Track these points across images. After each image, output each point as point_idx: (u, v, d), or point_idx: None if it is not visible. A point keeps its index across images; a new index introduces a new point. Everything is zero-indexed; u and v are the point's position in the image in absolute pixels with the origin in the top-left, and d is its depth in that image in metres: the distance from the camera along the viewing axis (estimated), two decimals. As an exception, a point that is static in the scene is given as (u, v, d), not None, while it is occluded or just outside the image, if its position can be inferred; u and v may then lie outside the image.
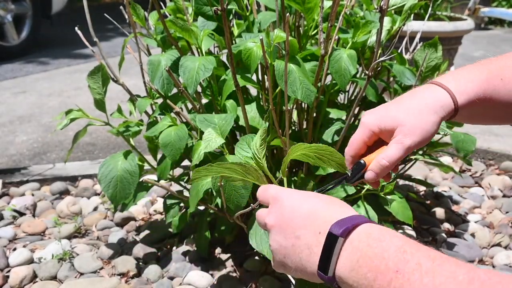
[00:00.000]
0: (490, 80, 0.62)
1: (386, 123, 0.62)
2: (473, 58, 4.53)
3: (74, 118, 1.20)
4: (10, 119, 2.77)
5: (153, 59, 1.14)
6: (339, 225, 0.49)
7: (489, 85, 0.62)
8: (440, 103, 0.61)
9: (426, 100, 0.62)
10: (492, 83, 0.62)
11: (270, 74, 1.02)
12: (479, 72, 0.63)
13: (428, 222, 1.52)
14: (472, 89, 0.62)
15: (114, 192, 1.14)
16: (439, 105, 0.61)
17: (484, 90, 0.62)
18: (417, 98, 0.63)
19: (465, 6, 3.31)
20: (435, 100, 0.61)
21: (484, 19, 6.39)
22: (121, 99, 2.85)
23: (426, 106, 0.61)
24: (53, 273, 1.28)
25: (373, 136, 0.64)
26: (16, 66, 3.94)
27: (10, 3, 4.09)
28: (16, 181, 1.80)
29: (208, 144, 0.97)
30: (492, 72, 0.63)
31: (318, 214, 0.52)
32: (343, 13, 1.11)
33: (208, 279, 1.23)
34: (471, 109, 0.63)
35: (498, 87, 0.62)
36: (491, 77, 0.63)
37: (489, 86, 0.62)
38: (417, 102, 0.62)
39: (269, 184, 0.63)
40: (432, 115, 0.61)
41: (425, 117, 0.61)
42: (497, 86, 0.62)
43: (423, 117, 0.61)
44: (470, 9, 3.06)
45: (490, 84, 0.62)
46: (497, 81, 0.62)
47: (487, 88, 0.62)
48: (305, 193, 0.56)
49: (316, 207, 0.53)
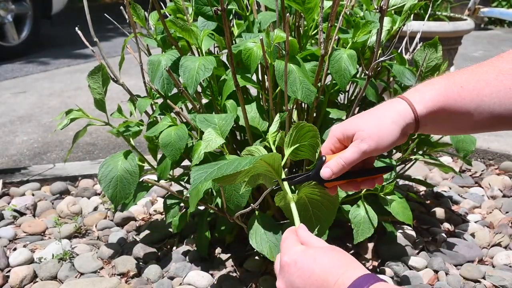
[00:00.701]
0: (449, 88, 0.64)
1: (348, 130, 0.68)
2: (473, 58, 4.53)
3: (74, 118, 1.20)
4: (11, 119, 2.77)
5: (153, 59, 1.14)
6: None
7: (447, 93, 0.64)
8: (399, 113, 0.65)
9: (386, 111, 0.67)
10: (451, 91, 0.64)
11: (270, 74, 1.02)
12: (443, 81, 0.66)
13: (428, 222, 1.52)
14: (431, 99, 0.64)
15: (114, 192, 1.14)
16: (398, 115, 0.65)
17: (443, 98, 0.64)
18: (379, 109, 0.68)
19: (465, 6, 3.31)
20: (395, 110, 0.66)
21: (484, 19, 6.38)
22: (121, 99, 2.85)
23: (385, 116, 0.66)
24: (53, 273, 1.28)
25: (338, 143, 0.69)
26: (17, 66, 3.94)
27: (10, 3, 4.09)
28: (17, 181, 1.80)
29: (208, 144, 0.97)
30: (454, 81, 0.65)
31: (329, 283, 0.56)
32: (343, 13, 1.11)
33: (208, 279, 1.23)
34: (435, 119, 0.66)
35: (456, 96, 0.64)
36: (451, 86, 0.65)
37: (448, 94, 0.64)
38: (378, 112, 0.67)
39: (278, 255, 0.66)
40: (391, 124, 0.65)
41: (384, 125, 0.65)
42: (456, 94, 0.64)
43: (382, 125, 0.65)
44: (470, 9, 3.06)
45: (449, 92, 0.64)
46: (456, 89, 0.64)
47: (446, 96, 0.64)
48: (312, 259, 0.60)
49: (324, 276, 0.57)
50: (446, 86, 0.65)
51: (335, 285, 0.56)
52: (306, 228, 0.66)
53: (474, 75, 0.64)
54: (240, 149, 1.28)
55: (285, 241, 0.65)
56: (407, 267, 1.30)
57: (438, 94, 0.64)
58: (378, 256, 1.34)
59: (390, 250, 1.34)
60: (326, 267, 0.58)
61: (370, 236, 1.16)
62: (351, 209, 1.18)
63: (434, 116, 0.65)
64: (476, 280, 1.26)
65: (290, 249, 0.62)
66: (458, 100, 0.64)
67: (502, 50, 0.67)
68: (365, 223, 1.16)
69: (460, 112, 0.64)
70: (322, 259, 0.59)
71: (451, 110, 0.64)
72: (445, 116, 0.65)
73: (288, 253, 0.62)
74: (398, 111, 0.65)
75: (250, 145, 1.12)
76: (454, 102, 0.64)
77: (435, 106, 0.64)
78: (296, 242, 0.64)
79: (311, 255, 0.60)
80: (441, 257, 1.33)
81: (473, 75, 0.64)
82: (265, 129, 1.12)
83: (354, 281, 0.54)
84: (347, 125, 0.68)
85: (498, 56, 0.65)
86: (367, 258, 1.33)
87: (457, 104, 0.64)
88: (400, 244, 1.36)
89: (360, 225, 1.16)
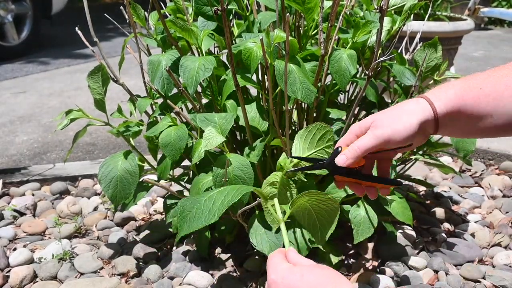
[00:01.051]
0: (468, 90, 0.64)
1: (365, 122, 0.69)
2: (473, 58, 4.53)
3: (74, 118, 1.20)
4: (11, 119, 2.77)
5: (153, 59, 1.14)
6: None
7: (467, 94, 0.64)
8: (418, 108, 0.65)
9: (405, 105, 0.67)
10: (470, 92, 0.64)
11: (270, 74, 1.02)
12: (461, 83, 0.66)
13: (428, 222, 1.52)
14: (450, 98, 0.65)
15: (114, 192, 1.14)
16: (417, 109, 0.65)
17: (462, 100, 0.64)
18: (398, 105, 0.69)
19: (465, 6, 3.31)
20: (414, 105, 0.66)
21: (484, 19, 6.39)
22: (121, 99, 2.85)
23: (403, 108, 0.67)
24: (53, 273, 1.28)
25: (356, 138, 0.69)
26: (17, 66, 3.94)
27: (10, 3, 4.10)
28: (16, 181, 1.80)
29: (209, 142, 0.97)
30: (473, 83, 0.65)
31: None
32: (343, 13, 1.11)
33: (208, 279, 1.23)
34: (454, 121, 0.66)
35: (476, 97, 0.64)
36: (470, 87, 0.65)
37: (467, 95, 0.64)
38: (397, 106, 0.68)
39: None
40: (408, 115, 0.65)
41: (401, 116, 0.65)
42: (475, 95, 0.64)
43: (399, 115, 0.66)
44: (470, 9, 3.06)
45: (468, 93, 0.64)
46: (476, 91, 0.64)
47: (465, 97, 0.64)
48: (299, 276, 0.60)
49: None
50: (465, 87, 0.65)
51: None
52: (295, 251, 0.67)
53: (493, 78, 0.64)
54: (240, 149, 1.28)
55: (272, 259, 0.65)
56: (407, 267, 1.30)
57: (457, 95, 0.64)
58: (378, 256, 1.34)
59: (390, 250, 1.34)
60: (313, 284, 0.58)
61: (370, 236, 1.16)
62: (351, 209, 1.18)
63: (453, 116, 0.65)
64: (476, 280, 1.26)
65: (277, 267, 0.63)
66: (477, 101, 0.64)
67: (502, 50, 0.67)
68: (365, 223, 1.16)
69: (478, 114, 0.64)
70: (308, 277, 0.59)
71: (470, 111, 0.64)
72: (464, 117, 0.65)
73: (275, 271, 0.62)
74: (417, 106, 0.66)
75: (250, 144, 1.12)
76: (473, 103, 0.64)
77: (454, 107, 0.64)
78: (283, 261, 0.64)
79: (298, 272, 0.60)
80: (441, 257, 1.33)
81: (492, 78, 0.64)
82: (265, 129, 1.12)
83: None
84: (364, 120, 0.69)
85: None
86: (367, 258, 1.33)
87: (476, 106, 0.64)
88: (400, 244, 1.36)
89: (360, 225, 1.16)
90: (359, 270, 1.28)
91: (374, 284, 1.21)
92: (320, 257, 1.27)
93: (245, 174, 1.00)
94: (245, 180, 1.00)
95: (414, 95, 1.23)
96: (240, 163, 1.01)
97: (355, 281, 1.23)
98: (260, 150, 1.08)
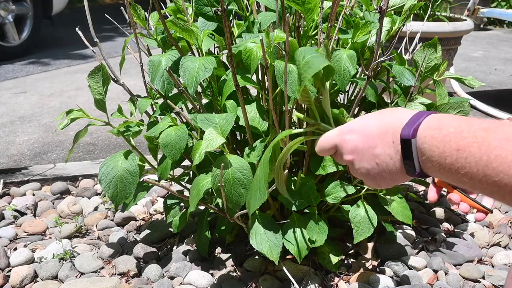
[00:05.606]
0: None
1: None
2: (472, 59, 4.53)
3: (75, 118, 1.20)
4: (11, 119, 2.77)
5: (153, 59, 1.14)
6: (407, 129, 0.55)
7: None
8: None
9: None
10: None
11: (270, 74, 1.02)
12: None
13: (428, 222, 1.52)
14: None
15: (114, 192, 1.14)
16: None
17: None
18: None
19: (464, 7, 3.31)
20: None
21: (483, 20, 6.39)
22: (121, 99, 2.86)
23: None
24: (53, 272, 1.28)
25: None
26: (17, 67, 3.94)
27: (11, 4, 4.10)
28: (17, 181, 1.80)
29: (209, 144, 0.97)
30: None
31: (386, 127, 0.59)
32: (343, 13, 1.11)
33: (208, 279, 1.24)
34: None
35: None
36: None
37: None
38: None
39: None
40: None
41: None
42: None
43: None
44: (469, 9, 3.07)
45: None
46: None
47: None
48: (365, 118, 0.62)
49: (381, 122, 0.60)
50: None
51: (393, 127, 0.57)
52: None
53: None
54: (240, 149, 1.28)
55: (325, 141, 0.67)
56: (407, 266, 1.30)
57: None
58: (378, 256, 1.34)
59: (390, 250, 1.34)
60: (379, 121, 0.60)
61: (369, 235, 1.16)
62: (351, 209, 1.19)
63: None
64: (475, 279, 1.26)
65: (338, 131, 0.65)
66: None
67: (502, 51, 0.67)
68: (364, 223, 1.17)
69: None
70: (370, 118, 0.62)
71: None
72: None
73: (340, 133, 0.65)
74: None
75: (250, 145, 1.12)
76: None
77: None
78: (334, 132, 0.67)
79: (360, 120, 0.63)
80: (441, 257, 1.33)
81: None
82: (265, 129, 1.13)
83: (411, 118, 0.56)
84: None
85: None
86: (367, 258, 1.33)
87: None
88: (400, 244, 1.37)
89: (360, 224, 1.17)
90: (358, 269, 1.28)
91: (373, 283, 1.22)
92: (320, 257, 1.27)
93: (244, 176, 1.01)
94: (244, 182, 1.01)
95: (413, 95, 1.23)
96: (239, 165, 1.01)
97: (355, 281, 1.23)
98: (260, 150, 1.08)
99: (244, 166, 1.02)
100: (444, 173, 0.51)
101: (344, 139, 0.63)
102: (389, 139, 0.58)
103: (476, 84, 1.26)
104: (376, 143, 0.59)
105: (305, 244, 1.14)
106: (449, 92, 3.22)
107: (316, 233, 1.15)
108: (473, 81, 1.27)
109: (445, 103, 1.16)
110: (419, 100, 1.19)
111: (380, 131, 0.59)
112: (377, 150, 0.59)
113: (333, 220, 1.35)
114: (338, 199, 1.18)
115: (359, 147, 0.62)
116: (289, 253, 1.24)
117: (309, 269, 1.25)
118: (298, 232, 1.15)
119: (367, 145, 0.60)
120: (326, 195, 1.19)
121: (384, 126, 0.59)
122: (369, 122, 0.61)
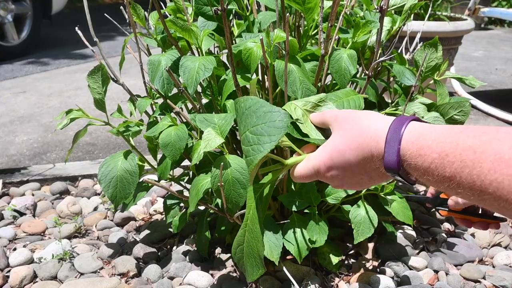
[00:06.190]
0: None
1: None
2: (473, 58, 4.53)
3: (74, 118, 1.20)
4: (10, 119, 2.77)
5: (153, 59, 1.14)
6: (389, 158, 0.52)
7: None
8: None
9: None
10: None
11: (270, 74, 1.02)
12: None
13: (428, 222, 1.52)
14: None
15: (114, 192, 1.14)
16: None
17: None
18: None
19: (465, 6, 3.31)
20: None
21: (484, 19, 6.39)
22: (121, 99, 2.85)
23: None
24: (53, 273, 1.28)
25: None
26: (16, 66, 3.94)
27: (10, 3, 4.10)
28: (16, 181, 1.80)
29: (208, 144, 0.97)
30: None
31: (365, 157, 0.55)
32: (343, 13, 1.11)
33: (208, 279, 1.23)
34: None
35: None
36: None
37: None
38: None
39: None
40: None
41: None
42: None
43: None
44: (470, 9, 3.06)
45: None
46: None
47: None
48: (340, 150, 0.59)
49: (359, 152, 0.56)
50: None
51: (376, 156, 0.54)
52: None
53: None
54: (240, 149, 1.28)
55: (300, 173, 0.65)
56: (407, 267, 1.30)
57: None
58: (378, 256, 1.34)
59: (390, 250, 1.34)
60: (357, 152, 0.57)
61: (370, 236, 1.16)
62: (351, 209, 1.18)
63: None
64: (476, 280, 1.26)
65: (309, 166, 0.63)
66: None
67: (502, 50, 0.67)
68: (365, 223, 1.16)
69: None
70: (346, 150, 0.58)
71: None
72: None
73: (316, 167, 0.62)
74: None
75: (250, 145, 1.12)
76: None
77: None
78: (306, 162, 0.64)
79: (335, 154, 0.59)
80: (441, 257, 1.33)
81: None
82: (265, 129, 1.12)
83: (387, 140, 0.52)
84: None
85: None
86: (367, 258, 1.33)
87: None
88: (400, 244, 1.36)
89: (360, 225, 1.16)
90: (359, 270, 1.27)
91: (374, 284, 1.21)
92: (320, 257, 1.27)
93: (243, 176, 1.00)
94: (243, 182, 1.00)
95: (414, 95, 1.23)
96: (238, 165, 1.01)
97: (355, 281, 1.23)
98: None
99: (243, 166, 1.01)
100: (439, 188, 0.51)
101: (326, 176, 0.62)
102: (373, 166, 0.55)
103: (476, 84, 1.26)
104: (361, 174, 0.58)
105: (305, 245, 1.13)
106: (450, 91, 3.22)
107: (316, 233, 1.14)
108: (474, 80, 1.26)
109: (445, 103, 1.15)
110: (419, 100, 1.19)
111: (362, 163, 0.56)
112: (364, 178, 0.58)
113: (333, 220, 1.35)
114: (338, 199, 1.17)
115: (345, 180, 0.60)
116: (289, 253, 1.24)
117: (309, 270, 1.25)
118: (298, 233, 1.15)
119: (353, 177, 0.59)
120: (326, 195, 1.18)
121: (362, 157, 0.56)
122: (347, 156, 0.57)
